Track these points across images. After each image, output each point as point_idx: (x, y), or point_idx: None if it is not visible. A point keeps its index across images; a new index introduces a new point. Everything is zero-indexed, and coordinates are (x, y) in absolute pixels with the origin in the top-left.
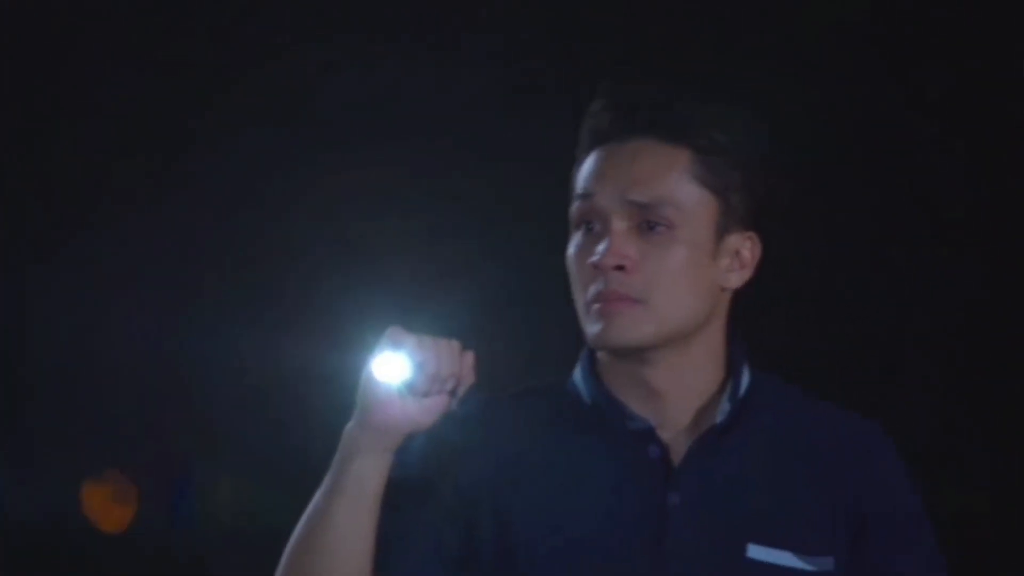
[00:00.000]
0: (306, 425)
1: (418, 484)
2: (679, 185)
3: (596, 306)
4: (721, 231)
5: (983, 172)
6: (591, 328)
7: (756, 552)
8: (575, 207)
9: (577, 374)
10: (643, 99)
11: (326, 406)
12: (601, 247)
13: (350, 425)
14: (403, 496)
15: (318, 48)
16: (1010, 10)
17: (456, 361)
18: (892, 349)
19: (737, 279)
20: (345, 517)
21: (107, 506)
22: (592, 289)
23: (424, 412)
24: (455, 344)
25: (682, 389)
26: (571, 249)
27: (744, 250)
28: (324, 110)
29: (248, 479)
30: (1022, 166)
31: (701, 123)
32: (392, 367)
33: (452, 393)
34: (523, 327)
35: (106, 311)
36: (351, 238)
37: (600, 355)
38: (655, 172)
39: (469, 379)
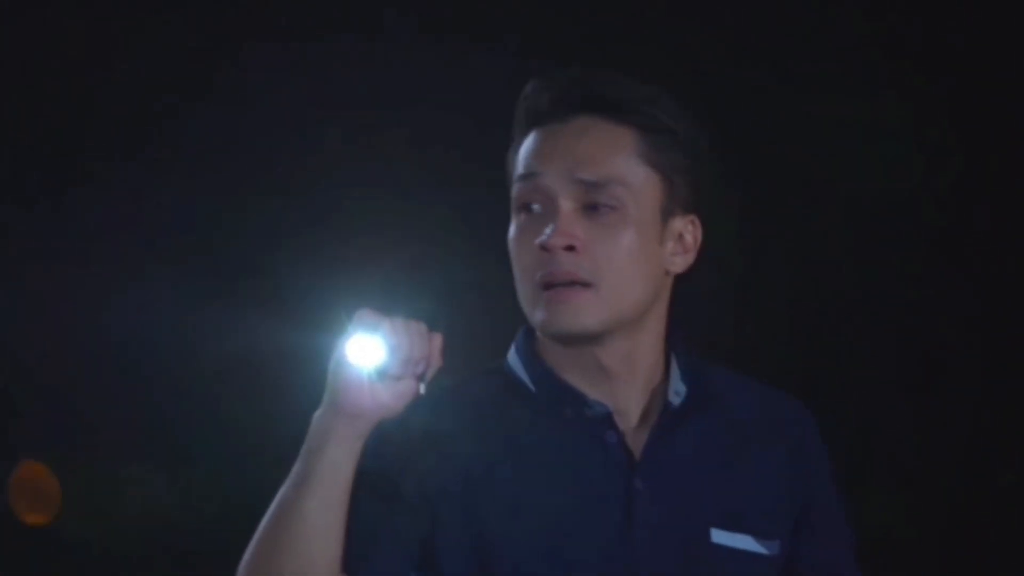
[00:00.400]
0: (271, 413)
1: (385, 476)
2: (627, 164)
3: (545, 293)
4: (666, 214)
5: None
6: (539, 314)
7: (719, 536)
8: (517, 188)
9: (514, 358)
10: (582, 78)
11: (289, 393)
12: (548, 228)
13: (319, 412)
14: (371, 489)
15: (308, 36)
16: (1010, 10)
17: (426, 343)
18: (891, 350)
19: (682, 263)
20: (316, 508)
21: (31, 497)
22: (539, 272)
23: (395, 397)
24: (423, 326)
25: (632, 371)
26: (512, 231)
27: (687, 234)
28: (305, 94)
29: (206, 470)
30: (1022, 167)
31: (643, 102)
32: (366, 350)
33: (420, 377)
34: (489, 311)
35: (48, 288)
36: (318, 220)
37: (541, 336)
38: (603, 151)
39: (437, 362)
